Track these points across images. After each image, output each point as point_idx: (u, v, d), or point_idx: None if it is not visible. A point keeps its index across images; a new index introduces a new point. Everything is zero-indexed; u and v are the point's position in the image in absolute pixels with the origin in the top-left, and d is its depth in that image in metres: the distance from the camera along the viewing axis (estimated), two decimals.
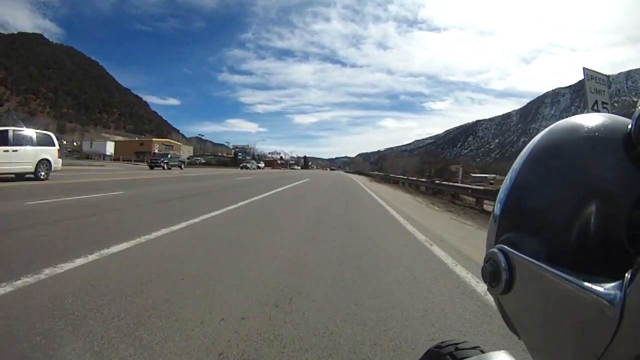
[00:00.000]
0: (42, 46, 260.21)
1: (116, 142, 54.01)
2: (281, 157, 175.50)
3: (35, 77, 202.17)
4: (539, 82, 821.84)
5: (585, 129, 0.40)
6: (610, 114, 0.42)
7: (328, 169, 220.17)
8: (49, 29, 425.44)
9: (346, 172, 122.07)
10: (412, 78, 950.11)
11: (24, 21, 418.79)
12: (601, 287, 0.29)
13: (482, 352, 0.62)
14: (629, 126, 0.37)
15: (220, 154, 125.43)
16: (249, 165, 60.73)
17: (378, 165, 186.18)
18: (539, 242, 0.39)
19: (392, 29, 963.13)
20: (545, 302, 0.36)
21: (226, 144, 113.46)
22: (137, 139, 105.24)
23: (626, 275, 0.28)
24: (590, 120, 0.41)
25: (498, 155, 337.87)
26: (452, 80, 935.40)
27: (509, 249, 0.41)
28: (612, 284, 0.28)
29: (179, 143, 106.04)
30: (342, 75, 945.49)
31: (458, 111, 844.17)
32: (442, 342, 0.68)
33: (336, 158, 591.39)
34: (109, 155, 63.26)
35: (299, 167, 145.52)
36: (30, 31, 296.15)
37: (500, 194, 0.47)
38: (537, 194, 0.42)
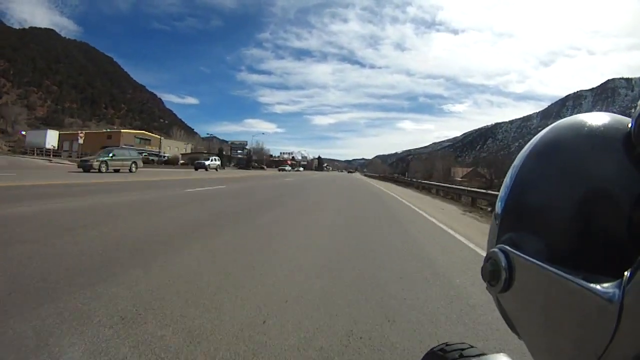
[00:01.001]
0: (54, 41, 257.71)
1: (85, 135, 43.27)
2: (293, 157, 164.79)
3: (40, 70, 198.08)
4: (558, 86, 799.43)
5: (586, 128, 0.40)
6: (611, 113, 0.42)
7: (344, 171, 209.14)
8: (67, 26, 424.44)
9: (364, 174, 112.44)
10: (431, 80, 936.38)
11: (41, 18, 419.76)
12: (600, 285, 0.29)
13: (484, 353, 0.62)
14: (629, 125, 0.37)
15: (225, 153, 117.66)
16: (207, 164, 44.00)
17: (400, 168, 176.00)
18: (539, 241, 0.38)
19: (409, 30, 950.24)
20: (545, 301, 0.35)
21: (237, 143, 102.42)
22: (105, 130, 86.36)
23: (625, 273, 0.28)
24: (591, 119, 0.41)
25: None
26: (471, 82, 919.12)
27: (509, 248, 0.40)
28: (611, 283, 0.28)
29: (157, 137, 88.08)
30: (361, 76, 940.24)
31: (477, 114, 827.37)
32: (437, 345, 0.69)
33: (353, 160, 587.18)
34: (50, 149, 49.78)
35: (301, 169, 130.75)
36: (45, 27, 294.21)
37: (502, 192, 0.47)
38: (537, 192, 0.41)
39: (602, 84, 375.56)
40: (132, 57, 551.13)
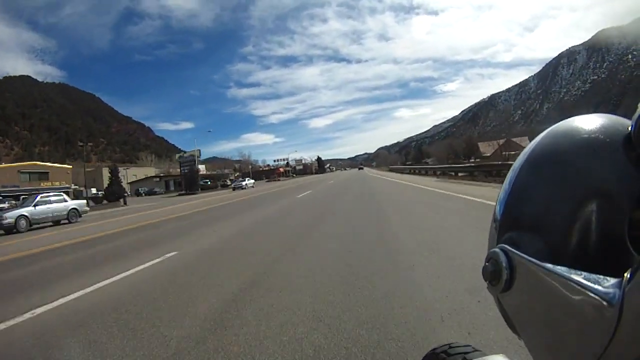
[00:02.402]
0: (30, 87, 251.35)
1: None
2: (287, 163, 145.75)
3: (8, 117, 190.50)
4: (546, 48, 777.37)
5: (585, 130, 0.40)
6: (609, 115, 0.42)
7: (347, 169, 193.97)
8: (50, 73, 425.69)
9: (372, 167, 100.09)
10: (419, 64, 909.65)
11: (24, 69, 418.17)
12: (600, 286, 0.29)
13: (484, 354, 0.62)
14: (629, 127, 0.36)
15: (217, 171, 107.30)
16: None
17: (411, 155, 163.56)
18: (540, 242, 0.39)
19: (390, 19, 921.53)
20: (545, 301, 0.35)
21: (185, 157, 62.35)
22: None
23: (625, 274, 0.28)
24: (590, 121, 0.41)
25: (524, 127, 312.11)
26: (459, 59, 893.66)
27: (510, 248, 0.41)
28: (611, 283, 0.28)
29: (65, 167, 62.76)
30: (349, 72, 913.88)
31: (470, 89, 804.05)
32: (439, 346, 0.69)
33: (356, 156, 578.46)
34: None
35: (292, 177, 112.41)
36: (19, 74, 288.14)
37: (501, 195, 0.47)
38: (537, 194, 0.42)
39: (593, 36, 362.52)
40: (119, 92, 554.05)
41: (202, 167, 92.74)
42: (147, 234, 9.22)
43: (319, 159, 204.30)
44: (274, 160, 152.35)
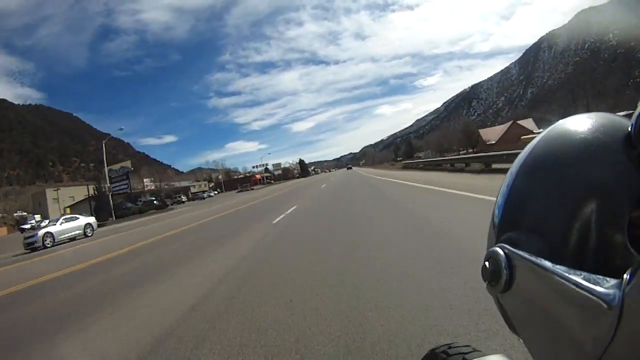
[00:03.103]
0: (6, 110, 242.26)
1: None
2: (266, 168, 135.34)
3: None
4: (524, 35, 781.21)
5: (584, 130, 0.40)
6: (608, 114, 0.42)
7: (331, 170, 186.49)
8: (30, 95, 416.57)
9: (360, 167, 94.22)
10: (398, 60, 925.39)
11: (2, 93, 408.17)
12: (600, 287, 0.29)
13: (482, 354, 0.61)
14: (629, 127, 0.36)
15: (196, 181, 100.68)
16: None
17: (402, 150, 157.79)
18: (539, 242, 0.38)
19: (365, 17, 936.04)
20: (545, 302, 0.35)
21: (116, 171, 49.85)
22: None
23: (625, 275, 0.27)
24: (589, 121, 0.41)
25: (509, 113, 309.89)
26: (437, 53, 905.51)
27: (510, 248, 0.40)
28: (611, 284, 0.28)
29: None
30: (328, 74, 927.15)
31: (450, 82, 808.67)
32: (439, 346, 0.68)
33: (341, 157, 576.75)
34: None
35: (271, 182, 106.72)
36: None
37: (499, 199, 0.46)
38: (537, 195, 0.41)
39: (572, 18, 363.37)
40: (99, 110, 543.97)
41: (146, 181, 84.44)
42: None
43: (301, 161, 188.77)
44: (253, 167, 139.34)
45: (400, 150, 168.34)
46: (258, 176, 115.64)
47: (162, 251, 9.06)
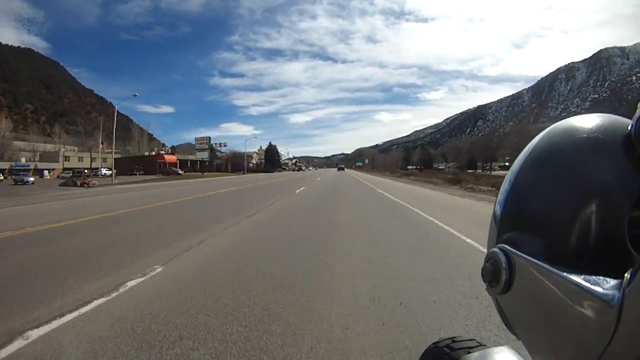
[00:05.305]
0: None
1: None
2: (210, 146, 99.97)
3: None
4: (534, 66, 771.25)
5: (585, 130, 0.40)
6: (609, 115, 0.41)
7: (315, 168, 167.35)
8: (35, 44, 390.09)
9: (358, 170, 75.74)
10: (404, 70, 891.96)
11: (9, 38, 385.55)
12: (600, 287, 0.29)
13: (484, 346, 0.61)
14: (629, 127, 0.36)
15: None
16: None
17: (417, 155, 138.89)
18: (539, 242, 0.38)
19: (379, 22, 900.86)
20: (544, 302, 0.35)
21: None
22: None
23: (625, 275, 0.27)
24: (590, 121, 0.41)
25: (516, 140, 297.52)
26: (445, 69, 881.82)
27: (510, 248, 0.40)
28: (611, 284, 0.28)
29: None
30: (334, 72, 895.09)
31: (453, 100, 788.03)
32: (442, 340, 0.68)
33: (332, 155, 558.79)
34: None
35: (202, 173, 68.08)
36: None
37: (500, 196, 0.46)
38: (537, 195, 0.41)
39: (595, 54, 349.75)
40: (103, 70, 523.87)
41: None
42: None
43: (270, 146, 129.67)
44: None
45: (412, 156, 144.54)
46: (172, 157, 79.82)
47: None
